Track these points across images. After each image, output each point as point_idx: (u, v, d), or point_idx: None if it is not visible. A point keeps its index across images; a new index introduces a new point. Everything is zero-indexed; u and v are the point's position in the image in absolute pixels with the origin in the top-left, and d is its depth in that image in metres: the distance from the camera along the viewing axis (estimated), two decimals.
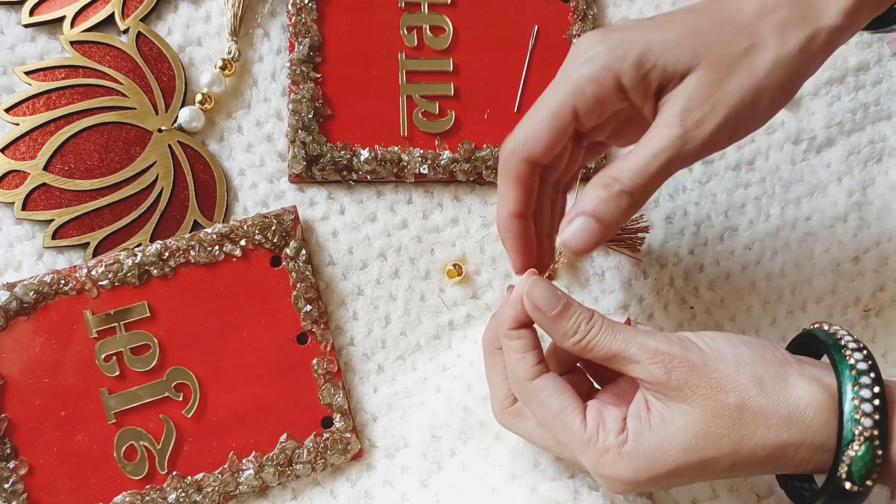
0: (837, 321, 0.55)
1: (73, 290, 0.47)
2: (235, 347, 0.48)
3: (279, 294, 0.49)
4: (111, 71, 0.52)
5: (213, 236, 0.48)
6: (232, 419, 0.48)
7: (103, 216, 0.51)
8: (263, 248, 0.49)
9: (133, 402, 0.47)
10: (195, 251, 0.48)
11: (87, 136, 0.51)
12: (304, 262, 0.49)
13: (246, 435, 0.48)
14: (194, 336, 0.48)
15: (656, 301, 0.53)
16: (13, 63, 0.52)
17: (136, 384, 0.47)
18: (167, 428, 0.47)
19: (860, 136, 0.57)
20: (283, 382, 0.48)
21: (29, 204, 0.50)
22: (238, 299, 0.49)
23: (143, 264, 0.47)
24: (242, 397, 0.48)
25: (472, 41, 0.55)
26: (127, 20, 0.53)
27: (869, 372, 0.36)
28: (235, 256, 0.49)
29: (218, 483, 0.46)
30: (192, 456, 0.47)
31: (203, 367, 0.48)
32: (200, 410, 0.47)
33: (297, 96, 0.52)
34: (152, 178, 0.51)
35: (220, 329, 0.48)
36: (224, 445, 0.47)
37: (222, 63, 0.53)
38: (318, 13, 0.53)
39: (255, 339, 0.49)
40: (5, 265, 0.50)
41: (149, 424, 0.47)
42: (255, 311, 0.49)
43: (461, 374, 0.51)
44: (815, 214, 0.56)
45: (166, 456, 0.47)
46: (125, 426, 0.46)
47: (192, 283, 0.48)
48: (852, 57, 0.57)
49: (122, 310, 0.47)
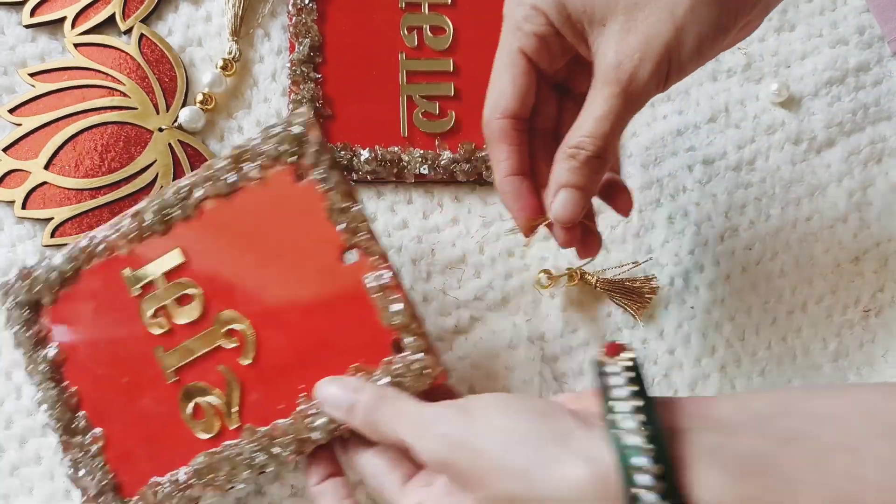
0: (837, 321, 0.54)
1: (105, 251, 0.44)
2: (277, 279, 0.44)
3: (310, 211, 0.43)
4: (113, 72, 0.52)
5: (225, 163, 0.44)
6: (293, 359, 0.43)
7: (102, 214, 0.51)
8: (281, 163, 0.43)
9: (187, 356, 0.43)
10: (212, 184, 0.44)
11: (88, 135, 0.51)
12: (329, 167, 0.43)
13: (311, 374, 0.43)
14: (233, 275, 0.44)
15: (657, 302, 0.53)
16: (14, 63, 0.52)
17: (187, 337, 0.44)
18: (228, 379, 0.43)
19: (860, 136, 0.57)
20: (338, 309, 0.43)
21: (29, 202, 0.50)
22: (268, 227, 0.44)
23: (163, 208, 0.44)
24: (298, 333, 0.43)
25: (472, 41, 0.55)
26: (128, 21, 0.53)
27: (640, 429, 0.31)
28: (254, 180, 0.44)
29: (292, 429, 0.42)
30: (260, 405, 0.43)
31: (249, 307, 0.44)
32: (258, 355, 0.43)
33: (298, 96, 0.52)
34: (152, 177, 0.52)
35: (256, 263, 0.44)
36: (291, 388, 0.43)
37: (223, 63, 0.53)
38: (319, 13, 0.54)
39: (297, 267, 0.43)
40: (9, 265, 0.50)
41: (209, 378, 0.43)
42: (288, 235, 0.43)
43: (462, 376, 0.51)
44: (815, 215, 0.55)
45: (233, 409, 0.43)
46: (186, 383, 0.43)
47: (216, 219, 0.44)
48: (852, 57, 0.57)
49: (157, 261, 0.44)
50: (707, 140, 0.56)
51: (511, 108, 0.41)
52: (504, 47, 0.41)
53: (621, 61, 0.37)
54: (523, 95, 0.41)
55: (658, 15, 0.36)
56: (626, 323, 0.53)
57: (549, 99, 0.43)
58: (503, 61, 0.41)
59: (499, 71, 0.41)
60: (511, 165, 0.42)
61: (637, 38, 0.37)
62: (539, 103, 0.42)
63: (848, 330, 0.54)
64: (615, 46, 0.37)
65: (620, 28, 0.37)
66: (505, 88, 0.41)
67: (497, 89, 0.41)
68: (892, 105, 0.57)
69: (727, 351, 0.53)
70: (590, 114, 0.38)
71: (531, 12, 0.39)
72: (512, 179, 0.42)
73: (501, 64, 0.41)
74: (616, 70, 0.37)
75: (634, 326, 0.53)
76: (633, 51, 0.37)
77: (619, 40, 0.37)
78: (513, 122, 0.41)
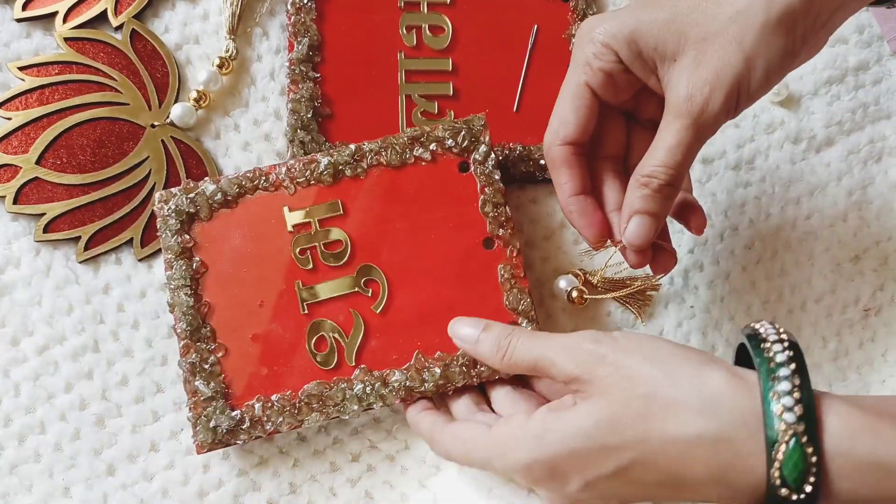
0: (837, 321, 0.54)
1: (271, 185, 0.48)
2: (422, 249, 0.49)
3: (466, 199, 0.50)
4: (105, 67, 0.52)
5: (405, 139, 0.49)
6: (418, 318, 0.48)
7: (95, 210, 0.50)
8: (452, 152, 0.50)
9: (325, 294, 0.48)
10: (387, 153, 0.49)
11: (80, 130, 0.51)
12: (493, 167, 0.49)
13: (431, 334, 0.48)
14: (383, 235, 0.49)
15: (657, 301, 0.53)
16: (8, 59, 0.52)
17: (329, 278, 0.48)
18: (356, 321, 0.48)
19: (860, 135, 0.57)
20: (469, 285, 0.49)
21: (20, 198, 0.49)
22: (426, 202, 0.49)
23: (337, 164, 0.49)
24: (428, 297, 0.48)
25: (471, 41, 0.55)
26: (120, 16, 0.52)
27: (788, 363, 0.35)
28: (425, 160, 0.49)
29: (404, 378, 0.47)
30: (379, 351, 0.48)
31: (391, 266, 0.49)
32: (388, 307, 0.48)
33: (296, 96, 0.52)
34: (145, 173, 0.51)
35: (407, 230, 0.49)
36: (409, 343, 0.48)
37: (219, 61, 0.53)
38: (318, 12, 0.53)
39: (442, 242, 0.49)
40: (5, 262, 0.50)
41: (339, 317, 0.48)
42: (442, 214, 0.49)
43: None
44: (814, 214, 0.56)
45: (354, 349, 0.48)
46: (317, 317, 0.48)
47: (382, 184, 0.49)
48: (852, 56, 0.57)
49: (317, 206, 0.48)
50: None
51: (571, 136, 0.43)
52: (571, 80, 0.43)
53: (692, 94, 0.38)
54: (584, 125, 0.43)
55: (727, 47, 0.38)
56: (626, 322, 0.53)
57: (617, 125, 0.45)
58: (568, 91, 0.43)
59: (563, 100, 0.43)
60: (574, 186, 0.44)
61: (708, 71, 0.38)
62: (607, 130, 0.45)
63: (848, 329, 0.54)
64: (686, 80, 0.38)
65: (691, 62, 0.38)
66: (567, 117, 0.43)
67: (559, 117, 0.43)
68: (891, 104, 0.57)
69: (727, 350, 0.53)
70: (662, 144, 0.40)
71: (602, 49, 0.41)
72: (577, 199, 0.44)
73: (567, 94, 0.43)
74: (687, 103, 0.38)
75: (634, 325, 0.53)
76: (704, 83, 0.38)
77: (691, 74, 0.38)
78: (573, 147, 0.43)
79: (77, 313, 0.49)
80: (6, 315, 0.49)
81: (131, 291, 0.50)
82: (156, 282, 0.50)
